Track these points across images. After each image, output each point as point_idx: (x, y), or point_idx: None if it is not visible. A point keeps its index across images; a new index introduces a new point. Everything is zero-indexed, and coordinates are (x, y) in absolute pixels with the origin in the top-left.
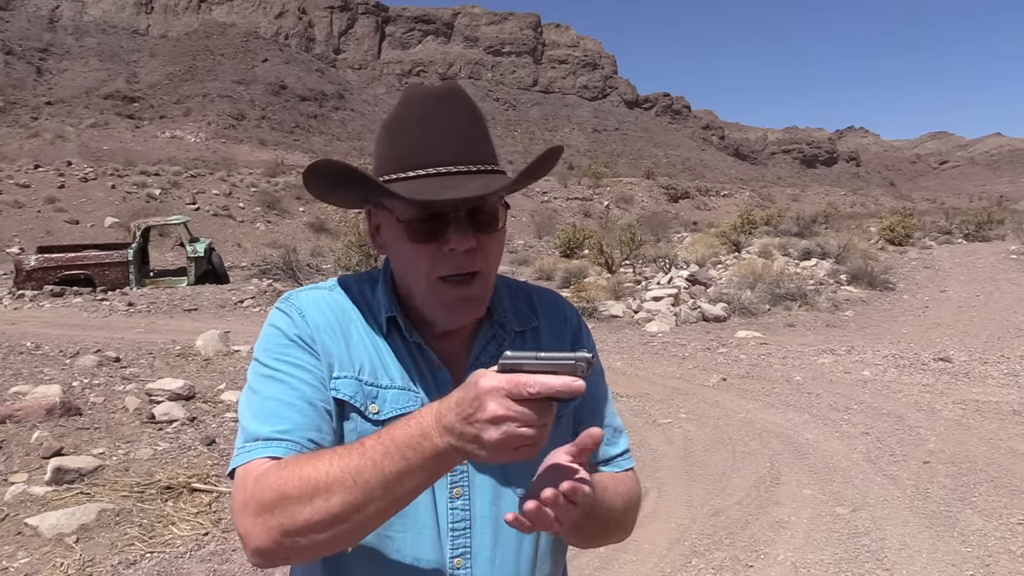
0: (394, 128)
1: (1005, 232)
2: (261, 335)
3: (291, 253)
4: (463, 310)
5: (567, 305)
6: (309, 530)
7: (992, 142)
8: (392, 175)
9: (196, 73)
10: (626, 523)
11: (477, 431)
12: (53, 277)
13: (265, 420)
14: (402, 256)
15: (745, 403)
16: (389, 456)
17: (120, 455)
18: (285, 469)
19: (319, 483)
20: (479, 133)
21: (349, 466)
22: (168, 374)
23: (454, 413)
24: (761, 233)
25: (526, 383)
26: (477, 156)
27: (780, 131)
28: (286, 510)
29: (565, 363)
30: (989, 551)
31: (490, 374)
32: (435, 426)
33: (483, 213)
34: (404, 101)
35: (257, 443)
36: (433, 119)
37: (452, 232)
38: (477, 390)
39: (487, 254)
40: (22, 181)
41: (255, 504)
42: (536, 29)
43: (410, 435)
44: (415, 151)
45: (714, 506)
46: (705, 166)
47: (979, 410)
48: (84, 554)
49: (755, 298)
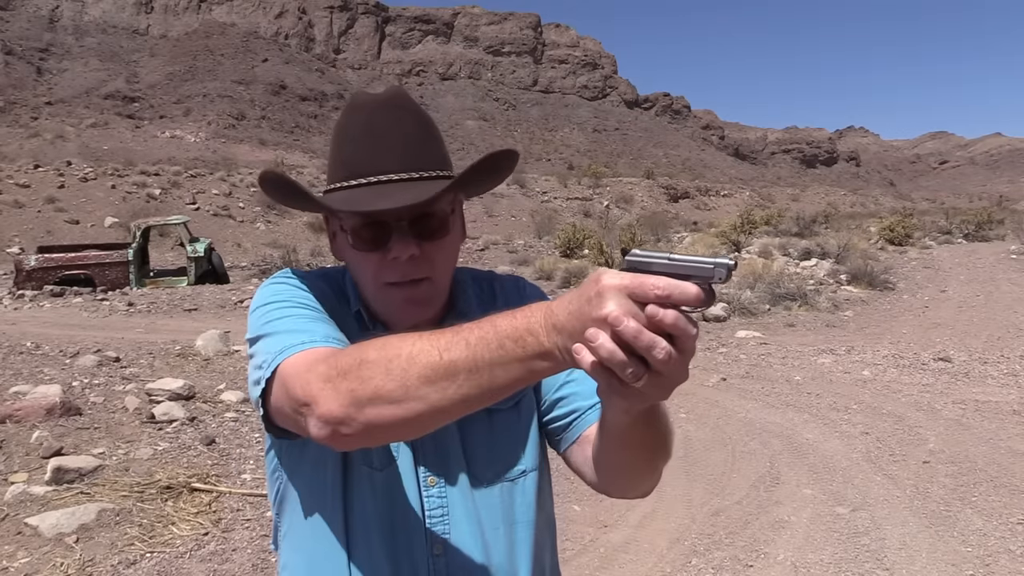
0: (340, 136)
1: (1005, 232)
2: (260, 294)
3: (291, 253)
4: (412, 311)
5: (528, 285)
6: (382, 399)
7: (992, 142)
8: (337, 183)
9: (196, 73)
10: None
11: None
12: (53, 277)
13: (284, 334)
14: (351, 262)
15: (745, 403)
16: (486, 342)
17: (120, 455)
18: (354, 347)
19: (400, 353)
20: (425, 139)
21: (438, 342)
22: (168, 374)
23: (566, 311)
24: (761, 233)
25: (654, 284)
26: (421, 163)
27: (780, 131)
28: (360, 374)
29: (703, 267)
30: (989, 551)
31: (613, 272)
32: (543, 323)
33: (429, 220)
34: (349, 108)
35: (285, 350)
36: (376, 126)
37: (394, 241)
38: (599, 286)
39: (433, 261)
40: (22, 181)
41: (325, 369)
42: (536, 29)
43: (515, 327)
44: (358, 159)
45: (714, 506)
46: (705, 166)
47: (979, 410)
48: (84, 554)
49: (755, 298)
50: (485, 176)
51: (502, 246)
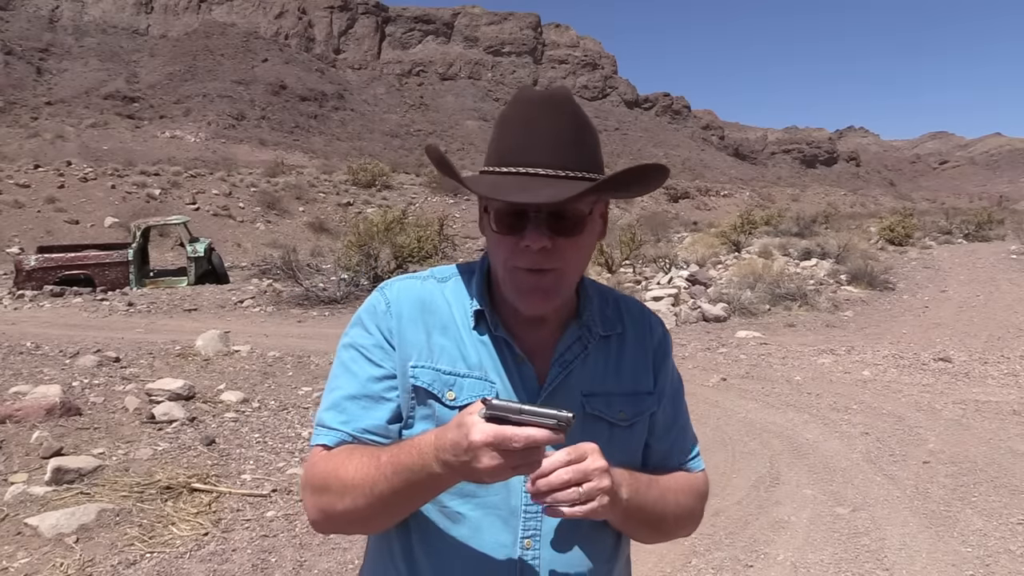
0: (501, 125)
1: (1005, 232)
2: (353, 319)
3: (291, 253)
4: (534, 298)
5: (653, 316)
6: (344, 517)
7: (992, 142)
8: (490, 167)
9: (196, 73)
10: (683, 519)
11: (474, 475)
12: (53, 277)
13: (329, 409)
14: (489, 240)
15: (745, 403)
16: (398, 475)
17: (120, 455)
18: (331, 461)
19: (347, 485)
20: (579, 140)
21: (368, 477)
22: (168, 374)
23: (451, 454)
24: (761, 233)
25: (512, 438)
26: (570, 162)
27: (780, 131)
28: (326, 498)
29: (547, 420)
30: (989, 551)
31: (478, 425)
32: (434, 459)
33: (564, 217)
34: (514, 100)
35: (321, 430)
36: (534, 121)
37: (530, 230)
38: (469, 443)
39: (564, 255)
40: (22, 181)
41: (309, 485)
42: (536, 29)
43: (413, 462)
44: (512, 149)
45: (714, 506)
46: (705, 166)
47: (979, 410)
48: (84, 554)
49: (755, 298)
50: (632, 185)
51: None
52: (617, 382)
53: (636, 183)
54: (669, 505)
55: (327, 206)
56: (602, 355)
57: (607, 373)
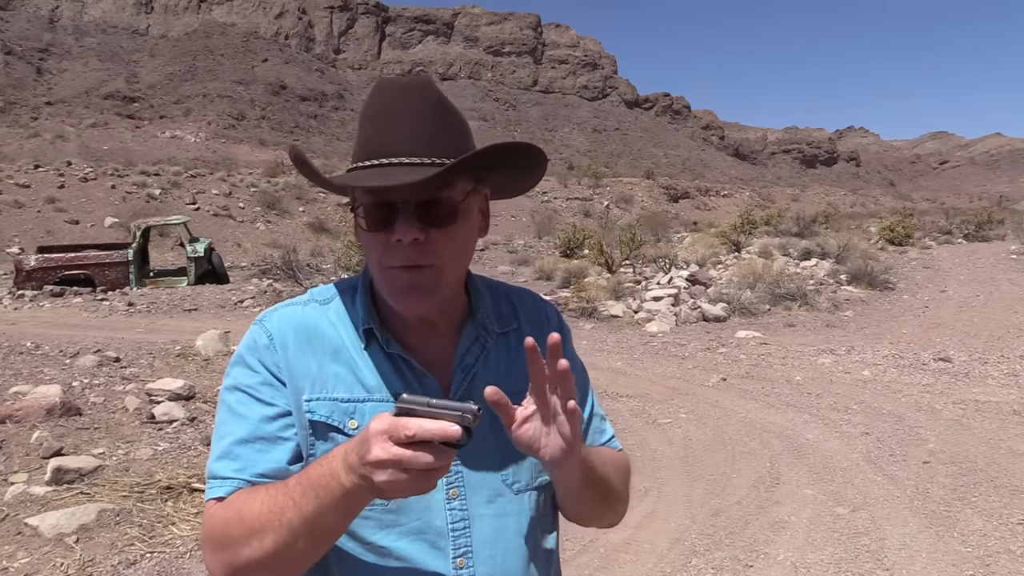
0: (362, 117)
1: (1005, 232)
2: (233, 357)
3: (291, 253)
4: (412, 297)
5: (547, 306)
6: (252, 567)
7: (992, 142)
8: (356, 163)
9: (196, 73)
10: (622, 494)
11: (367, 472)
12: (53, 277)
13: (221, 458)
14: (364, 244)
15: (745, 403)
16: (306, 496)
17: (120, 455)
18: (228, 508)
19: (253, 525)
20: (444, 126)
21: (276, 507)
22: (168, 374)
23: (355, 453)
24: (761, 233)
25: (404, 426)
26: (436, 148)
27: (780, 131)
28: (231, 549)
29: (452, 412)
30: (989, 551)
31: (381, 416)
32: (342, 465)
33: (437, 205)
34: (373, 91)
35: (213, 482)
36: (395, 110)
37: (399, 222)
38: (366, 432)
39: (438, 249)
40: (22, 181)
41: (209, 542)
42: (536, 29)
43: (321, 475)
44: (374, 140)
45: (714, 506)
46: (705, 166)
47: (979, 410)
48: (84, 554)
49: (755, 298)
50: (501, 165)
51: (502, 246)
52: (521, 378)
53: (505, 163)
54: (611, 473)
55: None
56: (503, 353)
57: (510, 370)
